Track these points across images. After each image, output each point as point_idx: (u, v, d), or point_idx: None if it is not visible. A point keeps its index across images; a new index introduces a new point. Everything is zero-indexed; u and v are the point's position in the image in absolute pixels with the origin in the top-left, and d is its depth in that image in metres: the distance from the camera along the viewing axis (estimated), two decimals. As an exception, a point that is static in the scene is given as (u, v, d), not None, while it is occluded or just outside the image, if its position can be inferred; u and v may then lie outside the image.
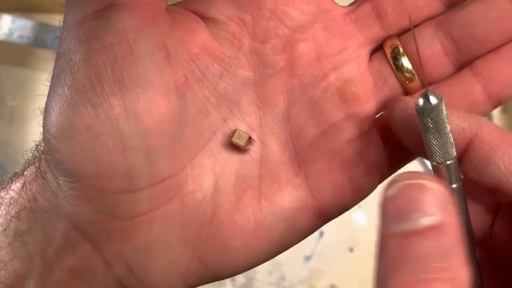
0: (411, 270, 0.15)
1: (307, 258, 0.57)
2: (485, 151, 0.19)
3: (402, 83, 0.23)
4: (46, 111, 0.20)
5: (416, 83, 0.23)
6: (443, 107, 0.18)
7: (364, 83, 0.23)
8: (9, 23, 0.55)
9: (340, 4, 0.24)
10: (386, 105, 0.24)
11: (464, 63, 0.23)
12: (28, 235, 0.21)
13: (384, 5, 0.23)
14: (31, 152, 0.23)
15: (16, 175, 0.23)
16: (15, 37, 0.55)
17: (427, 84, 0.18)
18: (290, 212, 0.22)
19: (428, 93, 0.18)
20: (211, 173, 0.22)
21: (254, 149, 0.23)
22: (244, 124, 0.23)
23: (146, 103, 0.19)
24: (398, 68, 0.23)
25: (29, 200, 0.21)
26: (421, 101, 0.18)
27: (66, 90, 0.19)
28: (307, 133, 0.23)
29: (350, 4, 0.24)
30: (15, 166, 0.56)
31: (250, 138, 0.22)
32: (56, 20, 0.67)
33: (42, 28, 0.55)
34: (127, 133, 0.19)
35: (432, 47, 0.23)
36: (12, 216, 0.21)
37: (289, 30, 0.23)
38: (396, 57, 0.23)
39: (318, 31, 0.23)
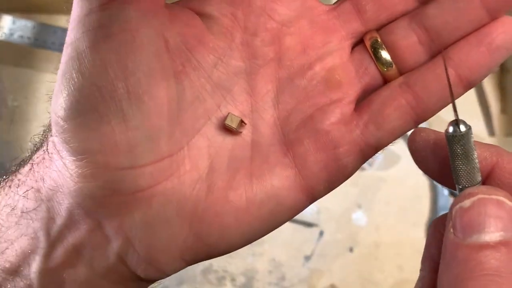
0: (485, 282, 0.16)
1: (307, 258, 0.58)
2: (506, 178, 0.20)
3: (381, 72, 0.25)
4: (55, 95, 0.21)
5: (394, 71, 0.25)
6: (471, 135, 0.19)
7: (346, 71, 0.25)
8: (10, 23, 0.55)
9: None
10: (367, 91, 0.26)
11: (437, 51, 0.25)
12: (34, 212, 0.22)
13: (363, 3, 0.25)
14: (38, 137, 0.25)
15: (23, 161, 0.24)
16: (15, 37, 0.55)
17: (456, 114, 0.19)
18: (279, 190, 0.24)
19: (458, 121, 0.19)
20: (206, 154, 0.24)
21: (246, 133, 0.25)
22: (236, 110, 0.25)
23: (148, 87, 0.21)
24: (377, 58, 0.25)
25: (36, 181, 0.23)
26: (451, 129, 0.19)
27: (74, 75, 0.21)
28: (295, 117, 0.25)
29: (334, 3, 0.26)
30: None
31: (241, 121, 0.24)
32: (57, 20, 0.67)
33: (42, 28, 0.55)
34: (130, 113, 0.21)
35: (408, 38, 0.25)
36: (20, 196, 0.23)
37: (277, 25, 0.25)
38: (375, 48, 0.25)
39: (303, 26, 0.25)
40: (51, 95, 0.22)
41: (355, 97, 0.25)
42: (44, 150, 0.23)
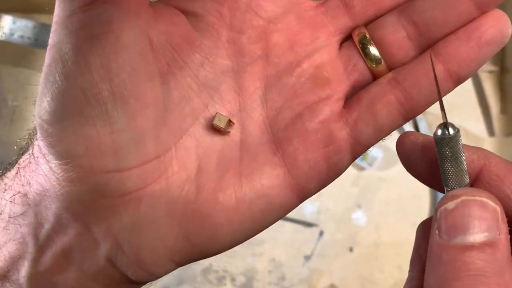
0: (471, 281, 0.17)
1: (307, 258, 0.58)
2: (494, 180, 0.20)
3: (370, 68, 0.25)
4: (39, 98, 0.21)
5: (383, 67, 0.25)
6: (460, 137, 0.19)
7: (335, 68, 0.25)
8: (10, 23, 0.55)
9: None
10: (355, 88, 0.25)
11: (426, 46, 0.24)
12: (22, 217, 0.22)
13: None
14: (24, 141, 0.24)
15: (10, 165, 0.24)
16: (15, 37, 0.55)
17: (445, 116, 0.19)
18: (269, 189, 0.24)
19: (447, 124, 0.19)
20: (194, 154, 0.24)
21: (234, 132, 0.25)
22: (224, 109, 0.24)
23: (132, 88, 0.21)
24: (366, 54, 0.25)
25: (23, 185, 0.22)
26: (440, 132, 0.19)
27: (57, 77, 0.20)
28: (284, 116, 0.25)
29: None
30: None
31: (229, 121, 0.24)
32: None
33: (42, 28, 0.55)
34: (115, 115, 0.21)
35: (396, 33, 0.24)
36: (7, 201, 0.22)
37: (263, 21, 0.25)
38: (364, 44, 0.25)
39: (291, 22, 0.25)
40: (35, 98, 0.21)
41: (343, 94, 0.25)
42: (30, 154, 0.23)
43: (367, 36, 0.25)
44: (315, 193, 0.25)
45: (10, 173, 0.23)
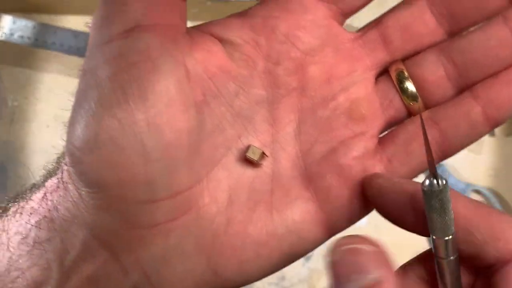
0: None
1: (307, 258, 0.57)
2: (462, 224, 0.20)
3: (406, 105, 0.25)
4: (71, 124, 0.20)
5: (419, 104, 0.25)
6: (448, 188, 0.18)
7: (371, 103, 0.25)
8: (10, 23, 0.55)
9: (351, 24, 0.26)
10: (390, 124, 0.25)
11: (465, 86, 0.24)
12: (48, 243, 0.22)
13: (390, 32, 0.25)
14: (52, 164, 0.24)
15: (35, 186, 0.24)
16: (15, 37, 0.55)
17: (433, 167, 0.19)
18: (300, 224, 0.23)
19: (434, 175, 0.18)
20: (225, 186, 0.23)
21: (266, 164, 0.24)
22: (257, 140, 0.24)
23: (168, 118, 0.20)
24: (403, 90, 0.25)
25: (49, 210, 0.22)
26: (428, 183, 0.18)
27: (93, 105, 0.20)
28: (317, 150, 0.24)
29: (358, 30, 0.26)
30: (15, 166, 0.56)
31: (263, 153, 0.24)
32: (57, 20, 0.67)
33: (42, 28, 0.55)
34: (149, 145, 0.20)
35: (436, 72, 0.24)
36: (33, 225, 0.22)
37: (301, 53, 0.24)
38: (401, 80, 0.25)
39: (328, 55, 0.25)
40: (65, 122, 0.21)
41: (378, 130, 0.25)
42: (58, 178, 0.22)
43: (405, 72, 0.25)
44: (345, 229, 0.24)
45: (36, 196, 0.23)
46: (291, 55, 0.24)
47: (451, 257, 0.20)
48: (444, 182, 0.18)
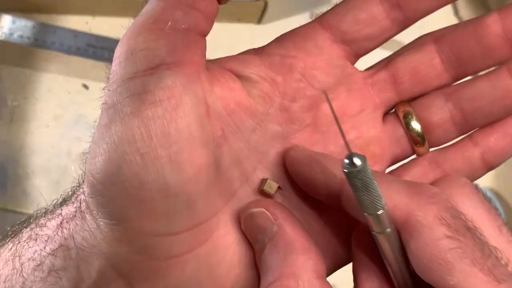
0: (266, 277, 0.21)
1: (307, 258, 0.57)
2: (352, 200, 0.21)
3: (413, 146, 0.26)
4: (93, 157, 0.21)
5: (425, 148, 0.26)
6: (368, 167, 0.18)
7: (380, 142, 0.26)
8: (10, 23, 0.55)
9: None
10: (397, 161, 0.27)
11: (466, 131, 0.26)
12: (63, 271, 0.22)
13: (400, 74, 0.26)
14: (70, 192, 0.24)
15: (49, 212, 0.24)
16: (15, 37, 0.55)
17: (349, 147, 0.19)
18: None
19: (352, 156, 0.18)
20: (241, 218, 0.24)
21: (277, 195, 0.25)
22: (270, 173, 0.25)
23: (189, 154, 0.21)
24: (409, 130, 0.26)
25: (65, 238, 0.22)
26: (346, 164, 0.18)
27: (116, 140, 0.20)
28: None
29: (369, 68, 0.27)
30: (15, 166, 0.56)
31: (279, 187, 0.24)
32: (57, 20, 0.67)
33: (42, 28, 0.55)
34: (171, 181, 0.20)
35: (442, 115, 0.26)
36: (48, 253, 0.22)
37: (316, 91, 0.25)
38: (408, 121, 0.26)
39: (341, 93, 0.26)
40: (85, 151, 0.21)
41: (385, 167, 0.26)
42: (76, 208, 0.22)
43: (413, 114, 0.26)
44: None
45: (51, 223, 0.23)
46: (306, 93, 0.25)
47: (387, 230, 0.20)
48: (362, 161, 0.18)
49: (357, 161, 0.18)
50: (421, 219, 0.20)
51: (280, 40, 0.25)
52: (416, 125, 0.26)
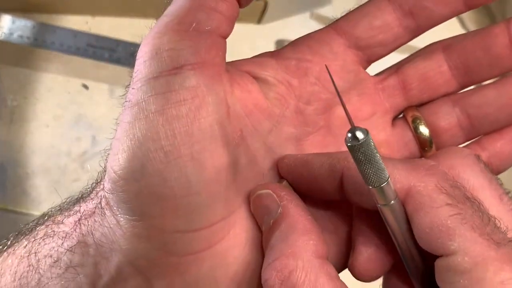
0: (268, 257, 0.21)
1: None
2: (354, 184, 0.22)
3: (420, 149, 0.27)
4: (115, 153, 0.21)
5: (433, 151, 0.27)
6: (370, 139, 0.19)
7: (390, 146, 0.27)
8: (9, 23, 0.55)
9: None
10: None
11: (474, 136, 0.27)
12: (81, 267, 0.22)
13: (409, 80, 0.27)
14: (89, 189, 0.24)
15: (64, 210, 0.24)
16: (15, 37, 0.55)
17: (351, 121, 0.19)
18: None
19: (355, 129, 0.19)
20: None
21: None
22: None
23: (210, 154, 0.21)
24: (418, 134, 0.27)
25: (84, 235, 0.23)
26: (349, 138, 0.19)
27: (140, 137, 0.21)
28: None
29: (378, 73, 0.28)
30: (15, 166, 0.56)
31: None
32: (57, 20, 0.67)
33: (42, 28, 0.55)
34: (193, 179, 0.21)
35: (450, 120, 0.27)
36: (66, 249, 0.23)
37: (330, 95, 0.26)
38: (416, 126, 0.27)
39: (353, 97, 0.27)
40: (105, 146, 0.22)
41: None
42: (96, 204, 0.23)
43: (421, 119, 0.27)
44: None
45: (68, 220, 0.23)
46: (321, 96, 0.26)
47: (392, 201, 0.20)
48: (365, 135, 0.18)
49: (359, 134, 0.18)
50: (421, 189, 0.20)
51: (295, 44, 0.26)
52: (424, 130, 0.27)
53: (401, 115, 0.28)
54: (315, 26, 0.61)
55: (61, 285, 0.22)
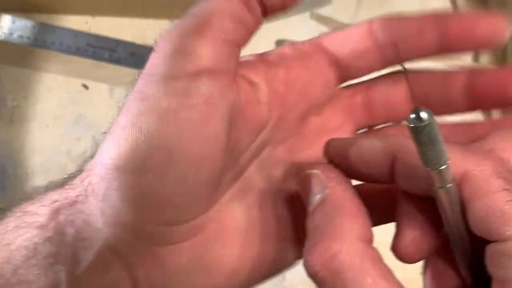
0: (311, 238, 0.21)
1: (307, 258, 0.57)
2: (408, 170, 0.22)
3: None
4: (116, 140, 0.21)
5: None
6: (435, 120, 0.18)
7: None
8: (9, 23, 0.55)
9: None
10: None
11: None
12: (58, 256, 0.22)
13: (375, 104, 0.28)
14: (69, 177, 0.24)
15: (36, 200, 0.24)
16: (15, 37, 0.55)
17: (415, 101, 0.19)
18: None
19: (419, 110, 0.18)
20: (236, 213, 0.25)
21: None
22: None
23: (212, 159, 0.22)
24: None
25: (61, 224, 0.22)
26: (413, 119, 0.18)
27: (151, 130, 0.21)
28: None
29: (349, 86, 0.29)
30: (15, 166, 0.56)
31: None
32: (57, 20, 0.67)
33: (42, 28, 0.55)
34: (190, 178, 0.21)
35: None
36: (42, 239, 0.22)
37: (308, 106, 0.27)
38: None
39: (328, 110, 0.28)
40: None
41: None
42: (79, 192, 0.23)
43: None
44: None
45: (42, 211, 0.23)
46: (302, 105, 0.27)
47: (448, 185, 0.20)
48: (429, 115, 0.18)
49: (423, 115, 0.18)
50: (478, 173, 0.20)
51: (283, 53, 0.27)
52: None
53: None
54: (315, 26, 0.61)
55: (37, 274, 0.22)
